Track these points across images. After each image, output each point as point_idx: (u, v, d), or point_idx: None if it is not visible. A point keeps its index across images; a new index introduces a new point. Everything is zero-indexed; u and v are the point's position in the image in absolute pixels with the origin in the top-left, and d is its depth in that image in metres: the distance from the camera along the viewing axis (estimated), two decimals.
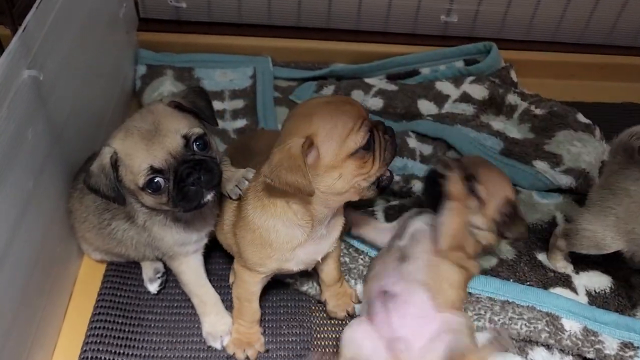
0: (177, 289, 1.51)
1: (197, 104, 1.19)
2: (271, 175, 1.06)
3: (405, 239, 1.36)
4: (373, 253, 1.51)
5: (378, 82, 2.13)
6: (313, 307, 1.50)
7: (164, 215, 1.24)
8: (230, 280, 1.48)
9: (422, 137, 1.92)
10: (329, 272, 1.41)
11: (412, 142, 1.87)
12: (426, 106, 2.03)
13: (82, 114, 1.60)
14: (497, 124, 1.97)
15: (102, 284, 1.51)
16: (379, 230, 1.49)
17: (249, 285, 1.32)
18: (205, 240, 1.37)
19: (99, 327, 1.41)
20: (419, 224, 1.37)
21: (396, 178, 1.70)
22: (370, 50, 2.24)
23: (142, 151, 1.09)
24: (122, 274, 1.54)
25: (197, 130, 1.13)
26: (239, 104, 2.03)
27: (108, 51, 1.86)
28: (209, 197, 1.15)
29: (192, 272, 1.38)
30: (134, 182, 1.11)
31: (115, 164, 1.11)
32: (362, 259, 1.52)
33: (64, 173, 1.46)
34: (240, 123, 1.95)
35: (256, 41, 2.24)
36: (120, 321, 1.43)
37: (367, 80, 2.13)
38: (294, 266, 1.27)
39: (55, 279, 1.42)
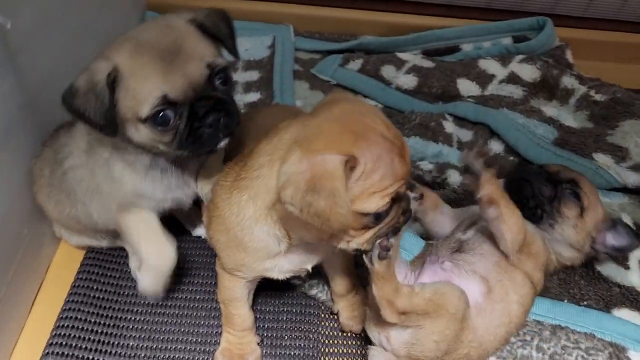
0: None
1: (220, 29, 0.99)
2: (298, 202, 0.78)
3: (469, 233, 1.12)
4: (405, 256, 1.26)
5: (412, 57, 1.87)
6: (322, 315, 1.26)
7: (138, 156, 1.03)
8: None
9: (460, 120, 1.67)
10: (339, 281, 1.18)
11: (449, 126, 1.60)
12: (467, 86, 1.76)
13: (67, 79, 1.37)
14: (550, 109, 1.70)
15: (77, 274, 1.30)
16: (440, 214, 1.27)
17: (230, 291, 1.10)
18: (166, 206, 1.12)
19: (67, 326, 1.19)
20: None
21: (429, 167, 1.45)
22: (404, 22, 1.99)
23: (157, 74, 0.89)
24: (102, 263, 1.32)
25: (222, 61, 0.95)
26: (253, 75, 1.80)
27: (109, 10, 1.64)
28: (223, 144, 0.99)
29: (141, 222, 1.11)
30: (133, 110, 0.91)
31: (112, 83, 0.90)
32: None
33: (35, 143, 1.24)
34: (253, 97, 1.72)
35: (277, 7, 2.01)
36: (93, 320, 1.21)
37: (400, 55, 1.87)
38: (277, 275, 1.03)
39: (21, 265, 1.21)
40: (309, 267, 1.03)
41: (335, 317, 1.25)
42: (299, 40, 1.96)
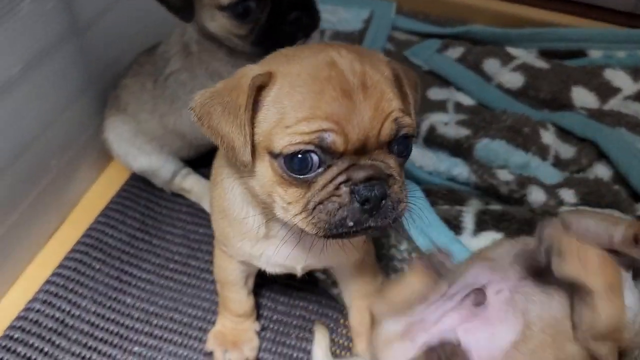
0: (177, 249, 1.18)
1: None
2: (200, 108, 0.68)
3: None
4: None
5: (524, 54, 1.60)
6: (340, 321, 1.08)
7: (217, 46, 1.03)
8: None
9: (564, 133, 1.39)
10: (355, 314, 1.00)
11: (548, 137, 1.34)
12: (583, 96, 1.47)
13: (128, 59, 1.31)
14: None
15: (97, 217, 1.23)
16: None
17: (224, 272, 0.96)
18: None
19: (70, 267, 1.13)
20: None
21: (508, 177, 1.20)
22: (522, 14, 1.72)
23: None
24: (126, 210, 1.25)
25: None
26: None
27: None
28: (299, 43, 0.96)
29: None
30: None
31: None
32: None
33: (80, 70, 1.17)
34: None
35: None
36: (97, 267, 1.14)
37: (510, 49, 1.61)
38: (266, 267, 0.88)
39: (42, 196, 1.15)
40: (299, 269, 0.87)
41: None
42: (399, 18, 1.77)
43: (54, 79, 1.11)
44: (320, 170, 0.65)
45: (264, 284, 1.12)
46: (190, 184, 1.26)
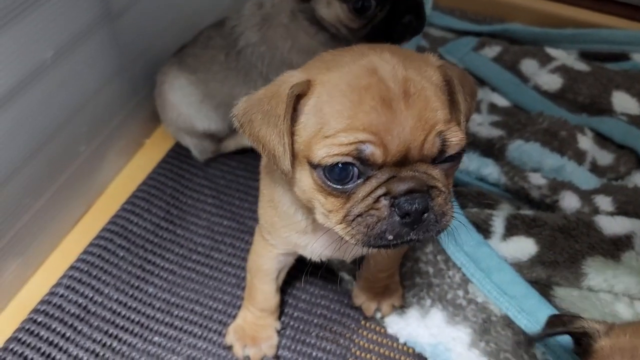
0: (201, 240, 1.17)
1: None
2: (242, 116, 0.67)
3: None
4: (471, 268, 1.02)
5: (564, 56, 1.55)
6: (362, 322, 1.06)
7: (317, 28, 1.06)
8: None
9: (602, 139, 1.34)
10: (376, 263, 1.00)
11: (586, 142, 1.29)
12: (624, 101, 1.42)
13: (159, 50, 1.31)
14: None
15: (124, 204, 1.22)
16: None
17: (260, 259, 0.94)
18: None
19: (95, 254, 1.13)
20: None
21: (541, 181, 1.16)
22: (562, 14, 1.67)
23: None
24: (152, 199, 1.24)
25: None
26: None
27: None
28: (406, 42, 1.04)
29: None
30: None
31: None
32: (450, 277, 1.04)
33: (113, 56, 1.17)
34: None
35: None
36: (121, 254, 1.14)
37: (549, 50, 1.56)
38: (309, 255, 0.85)
39: (70, 181, 1.15)
40: (348, 259, 0.86)
41: (377, 328, 1.05)
42: (435, 14, 1.73)
43: (85, 65, 1.10)
44: (359, 181, 0.63)
45: (286, 280, 1.11)
46: None
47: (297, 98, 0.64)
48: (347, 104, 0.61)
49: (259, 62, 1.12)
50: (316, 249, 0.82)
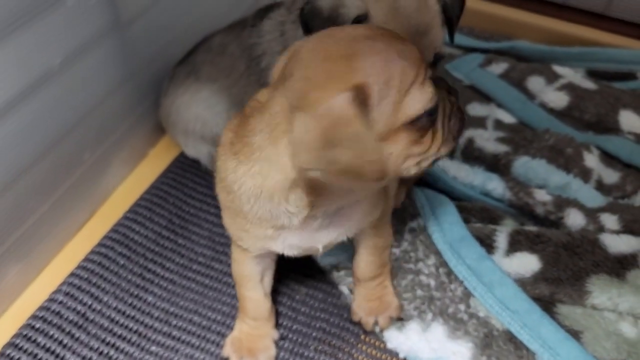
0: (202, 250, 1.17)
1: (455, 11, 0.97)
2: (321, 161, 0.63)
3: None
4: (473, 282, 1.01)
5: (571, 73, 1.55)
6: (362, 337, 1.05)
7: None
8: None
9: (609, 158, 1.33)
10: (359, 263, 1.01)
11: (592, 160, 1.28)
12: (631, 120, 1.41)
13: (168, 58, 1.32)
14: None
15: (126, 213, 1.22)
16: None
17: (240, 265, 0.94)
18: None
19: (95, 261, 1.13)
20: None
21: (546, 198, 1.15)
22: (570, 32, 1.67)
23: None
24: (154, 207, 1.24)
25: (444, 51, 0.96)
26: None
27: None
28: None
29: None
30: None
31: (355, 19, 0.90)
32: (452, 290, 1.03)
33: (120, 65, 1.18)
34: None
35: None
36: (121, 262, 1.14)
37: (556, 67, 1.56)
38: (282, 250, 0.85)
39: (73, 188, 1.16)
40: (320, 247, 0.86)
41: (377, 343, 1.03)
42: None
43: (93, 73, 1.11)
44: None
45: (286, 293, 1.10)
46: None
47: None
48: (396, 63, 0.67)
49: None
50: (291, 242, 0.83)
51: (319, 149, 0.62)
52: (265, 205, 0.75)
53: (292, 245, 0.83)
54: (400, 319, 1.02)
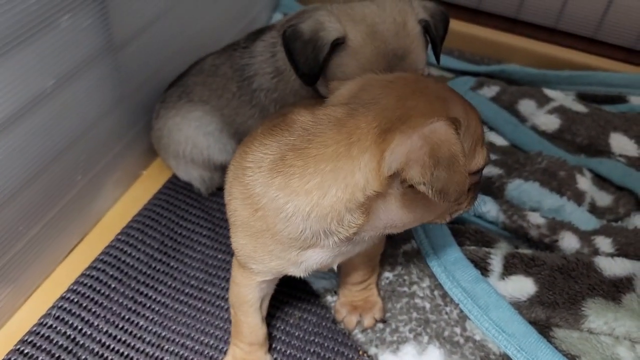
0: (195, 273, 1.15)
1: (439, 32, 0.99)
2: (431, 177, 0.65)
3: None
4: (469, 305, 1.00)
5: (562, 97, 1.57)
6: (355, 358, 1.03)
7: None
8: None
9: (601, 180, 1.33)
10: (349, 270, 1.04)
11: (584, 183, 1.29)
12: (622, 143, 1.42)
13: (160, 83, 1.32)
14: None
15: (117, 235, 1.21)
16: None
17: (243, 289, 0.92)
18: None
19: (86, 284, 1.11)
20: None
21: (539, 221, 1.15)
22: (559, 56, 1.69)
23: (374, 70, 0.88)
24: (146, 229, 1.23)
25: (426, 71, 0.98)
26: None
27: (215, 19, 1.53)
28: None
29: None
30: (334, 79, 0.91)
31: (333, 47, 0.92)
32: (448, 313, 1.02)
33: (113, 87, 1.17)
34: None
35: None
36: (113, 285, 1.12)
37: (547, 91, 1.58)
38: (300, 273, 0.84)
39: (66, 209, 1.14)
40: (335, 266, 0.88)
41: None
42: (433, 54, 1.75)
43: (86, 95, 1.11)
44: None
45: (280, 316, 1.09)
46: None
47: None
48: (473, 115, 0.76)
49: (271, 107, 1.13)
50: (312, 264, 0.82)
51: (431, 164, 0.65)
52: (309, 224, 0.73)
53: (309, 266, 0.82)
54: (383, 321, 1.04)
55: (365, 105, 0.72)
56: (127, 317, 1.07)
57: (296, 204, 0.72)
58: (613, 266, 1.06)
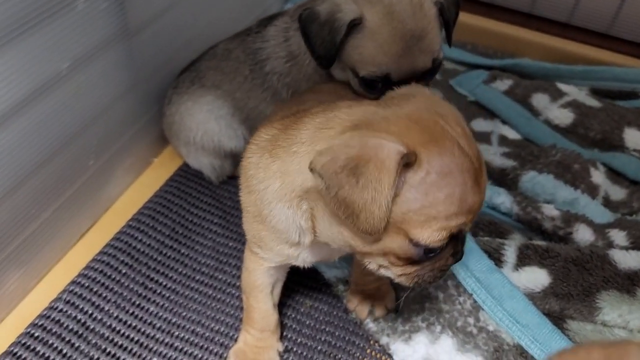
0: (206, 260, 1.15)
1: (451, 15, 0.98)
2: (329, 176, 0.62)
3: None
4: (482, 295, 1.00)
5: (575, 91, 1.55)
6: (368, 350, 1.03)
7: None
8: None
9: (615, 175, 1.32)
10: (357, 271, 1.03)
11: (598, 176, 1.28)
12: (636, 138, 1.42)
13: (173, 69, 1.32)
14: None
15: (129, 221, 1.21)
16: None
17: (252, 274, 0.92)
18: None
19: (97, 269, 1.11)
20: None
21: (554, 213, 1.14)
22: (573, 51, 1.68)
23: (393, 53, 0.90)
24: (157, 216, 1.22)
25: (442, 56, 0.95)
26: None
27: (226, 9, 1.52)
28: None
29: None
30: (353, 63, 0.94)
31: (350, 28, 0.90)
32: (461, 303, 1.01)
33: (127, 72, 1.17)
34: None
35: None
36: (124, 271, 1.12)
37: (560, 85, 1.56)
38: (301, 263, 0.85)
39: (77, 194, 1.14)
40: (336, 258, 0.89)
41: (383, 358, 1.01)
42: (447, 47, 1.74)
43: (100, 79, 1.11)
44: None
45: (291, 305, 1.08)
46: None
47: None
48: (457, 187, 0.63)
49: (284, 90, 1.13)
50: (307, 258, 0.83)
51: (340, 164, 0.61)
52: (280, 214, 0.73)
53: (309, 260, 0.83)
54: (395, 311, 1.03)
55: (363, 105, 0.72)
56: (137, 302, 1.07)
57: (274, 186, 0.73)
58: (628, 259, 1.05)
